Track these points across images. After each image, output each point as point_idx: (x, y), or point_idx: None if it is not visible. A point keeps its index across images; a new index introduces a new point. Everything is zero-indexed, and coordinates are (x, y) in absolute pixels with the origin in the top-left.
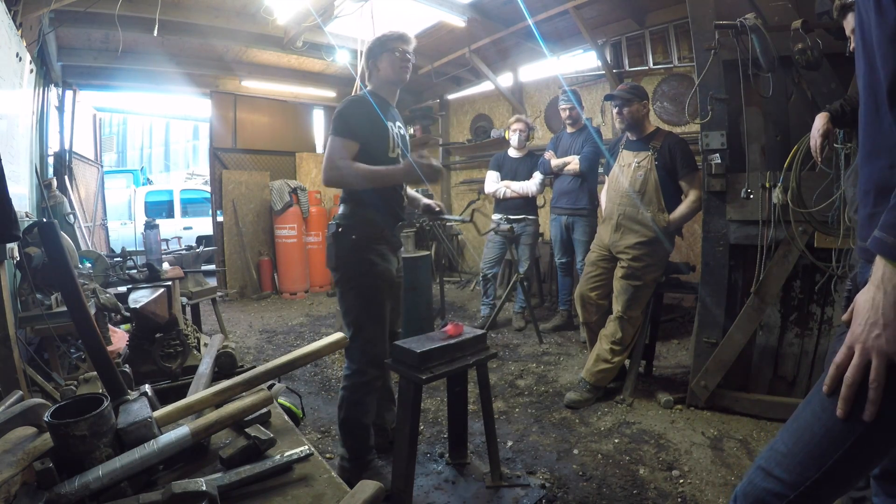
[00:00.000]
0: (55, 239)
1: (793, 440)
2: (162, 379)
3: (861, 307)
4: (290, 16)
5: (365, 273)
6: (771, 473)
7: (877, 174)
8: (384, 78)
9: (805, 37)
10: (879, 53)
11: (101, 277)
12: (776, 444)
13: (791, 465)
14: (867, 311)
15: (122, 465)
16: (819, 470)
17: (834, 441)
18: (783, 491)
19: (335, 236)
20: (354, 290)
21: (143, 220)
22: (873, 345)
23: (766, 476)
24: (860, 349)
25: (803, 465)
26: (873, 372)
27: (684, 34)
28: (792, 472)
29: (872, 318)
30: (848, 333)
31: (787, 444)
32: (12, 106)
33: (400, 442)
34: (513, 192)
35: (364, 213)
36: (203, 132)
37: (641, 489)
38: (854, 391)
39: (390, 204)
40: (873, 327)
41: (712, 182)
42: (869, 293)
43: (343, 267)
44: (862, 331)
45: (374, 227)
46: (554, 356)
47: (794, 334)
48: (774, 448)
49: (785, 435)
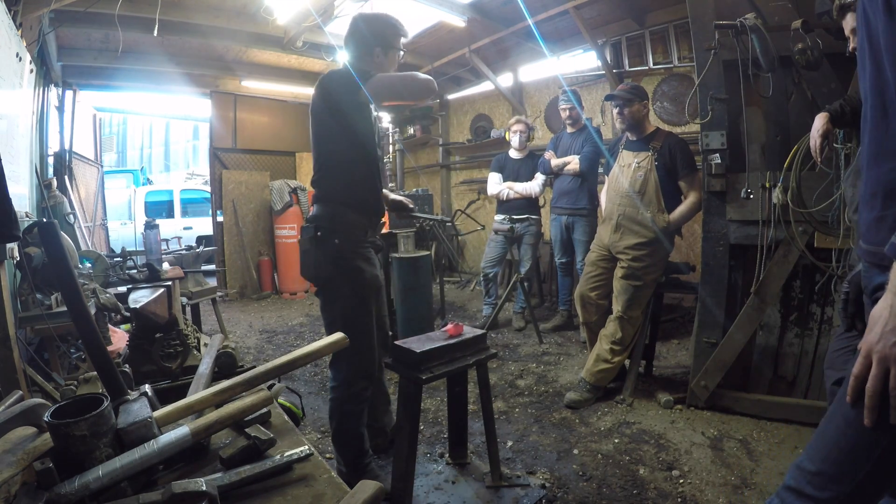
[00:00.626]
0: (55, 239)
1: (820, 457)
2: (162, 379)
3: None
4: (290, 16)
5: (353, 282)
6: (803, 493)
7: (884, 176)
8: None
9: (805, 37)
10: (888, 56)
11: (101, 277)
12: (802, 462)
13: (823, 482)
14: (885, 318)
15: (122, 465)
16: (853, 483)
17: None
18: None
19: (314, 241)
20: (340, 300)
21: (143, 220)
22: (891, 353)
23: (799, 496)
24: (878, 358)
25: (835, 481)
26: (892, 381)
27: (684, 34)
28: (825, 489)
29: (890, 325)
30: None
31: (814, 462)
32: (12, 106)
33: (400, 442)
34: (516, 192)
35: (345, 214)
36: (203, 132)
37: (641, 489)
38: (878, 400)
39: (370, 199)
40: (891, 334)
41: (712, 182)
42: (887, 301)
43: (325, 276)
44: (879, 339)
45: (357, 229)
46: (554, 356)
47: (794, 334)
48: (802, 467)
49: (811, 452)
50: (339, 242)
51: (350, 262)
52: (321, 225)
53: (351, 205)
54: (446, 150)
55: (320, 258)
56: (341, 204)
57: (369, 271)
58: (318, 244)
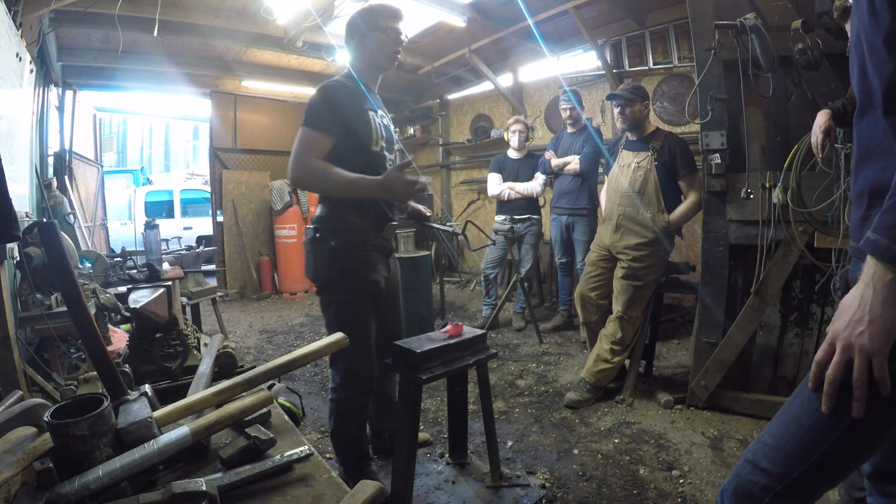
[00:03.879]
0: (55, 239)
1: (780, 432)
2: (162, 379)
3: (847, 304)
4: (290, 16)
5: (347, 286)
6: (758, 466)
7: (871, 176)
8: (370, 60)
9: (805, 37)
10: (874, 58)
11: (101, 277)
12: (764, 436)
13: (778, 456)
14: (854, 307)
15: (122, 465)
16: (806, 462)
17: (821, 433)
18: (770, 483)
19: (313, 242)
20: (336, 303)
21: (143, 220)
22: (855, 341)
23: (754, 468)
24: (841, 346)
25: (790, 456)
26: (856, 371)
27: (684, 34)
28: (779, 463)
29: (858, 315)
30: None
31: (774, 436)
32: (12, 106)
33: (400, 442)
34: (517, 193)
35: (344, 216)
36: (203, 132)
37: (641, 489)
38: (836, 388)
39: (376, 204)
40: (858, 324)
41: (712, 182)
42: (857, 290)
43: (323, 278)
44: (845, 327)
45: (356, 231)
46: (554, 356)
47: (794, 334)
48: (762, 440)
49: (773, 427)
50: (336, 245)
51: (346, 264)
52: (320, 226)
53: (353, 206)
54: (446, 150)
55: (318, 259)
56: (342, 204)
57: (367, 275)
58: (316, 245)
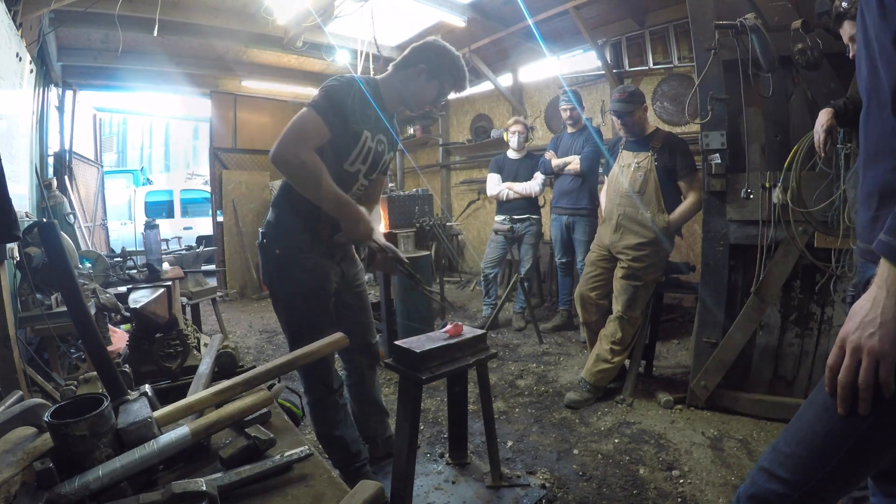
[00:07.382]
0: (55, 239)
1: (795, 440)
2: (162, 379)
3: (860, 306)
4: (290, 16)
5: (292, 294)
6: (774, 474)
7: (880, 177)
8: (403, 92)
9: (805, 37)
10: (882, 57)
11: (101, 277)
12: (778, 444)
13: (794, 465)
14: (866, 309)
15: (122, 465)
16: (823, 470)
17: (836, 441)
18: (787, 491)
19: (261, 248)
20: (284, 309)
21: (143, 220)
22: (865, 343)
23: (770, 477)
24: (851, 348)
25: (807, 465)
26: (862, 373)
27: (684, 34)
28: (795, 472)
29: (870, 317)
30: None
31: (789, 444)
32: (12, 106)
33: (400, 442)
34: (516, 193)
35: (289, 223)
36: (203, 132)
37: (641, 489)
38: (850, 391)
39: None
40: (868, 325)
41: (712, 182)
42: (870, 293)
43: (271, 284)
44: (855, 328)
45: (299, 239)
46: (554, 356)
47: (794, 334)
48: (777, 449)
49: (787, 436)
50: (279, 253)
51: (289, 272)
52: (267, 232)
53: (302, 213)
54: (446, 150)
55: (265, 265)
56: (290, 211)
57: (310, 283)
58: (263, 252)
